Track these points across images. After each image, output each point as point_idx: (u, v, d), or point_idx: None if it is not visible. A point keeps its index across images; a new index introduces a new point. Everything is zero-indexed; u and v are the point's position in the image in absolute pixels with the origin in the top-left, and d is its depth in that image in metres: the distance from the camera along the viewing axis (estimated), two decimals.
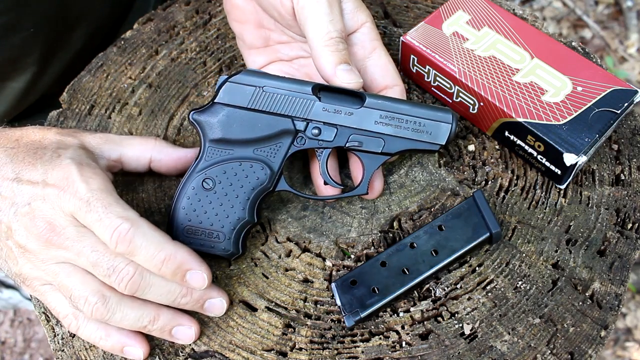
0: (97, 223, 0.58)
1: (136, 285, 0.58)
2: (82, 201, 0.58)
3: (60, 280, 0.60)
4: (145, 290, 0.59)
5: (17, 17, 0.82)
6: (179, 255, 0.59)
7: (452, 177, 0.73)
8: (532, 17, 0.83)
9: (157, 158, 0.70)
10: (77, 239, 0.59)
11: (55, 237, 0.59)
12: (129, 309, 0.60)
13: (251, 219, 0.66)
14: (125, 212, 0.59)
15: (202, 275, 0.60)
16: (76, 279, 0.60)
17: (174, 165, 0.70)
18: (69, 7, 0.88)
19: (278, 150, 0.66)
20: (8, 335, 1.83)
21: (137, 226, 0.58)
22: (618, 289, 0.66)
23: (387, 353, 0.63)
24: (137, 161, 0.70)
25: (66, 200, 0.59)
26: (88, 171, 0.61)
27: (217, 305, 0.64)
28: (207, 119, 0.66)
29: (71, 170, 0.60)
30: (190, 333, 0.63)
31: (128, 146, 0.69)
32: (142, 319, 0.61)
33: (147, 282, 0.59)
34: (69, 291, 0.60)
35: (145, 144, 0.70)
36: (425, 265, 0.65)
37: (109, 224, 0.57)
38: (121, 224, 0.57)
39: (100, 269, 0.58)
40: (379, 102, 0.67)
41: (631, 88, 0.70)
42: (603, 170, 0.73)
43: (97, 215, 0.58)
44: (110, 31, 0.99)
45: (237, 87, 0.66)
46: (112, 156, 0.68)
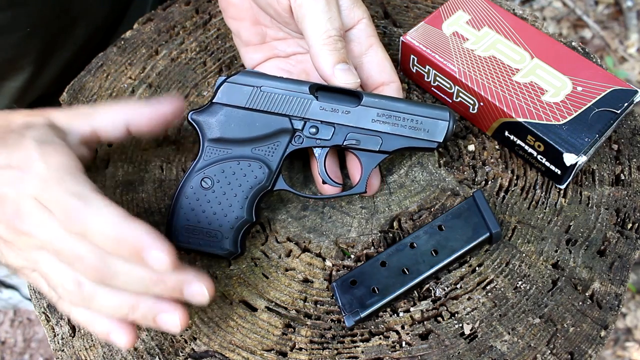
0: (53, 203, 0.54)
1: (99, 272, 0.54)
2: (41, 181, 0.55)
3: (40, 267, 0.57)
4: (112, 279, 0.54)
5: (13, 17, 0.81)
6: (133, 232, 0.53)
7: (452, 177, 0.73)
8: (532, 17, 0.83)
9: (133, 120, 0.65)
10: (42, 224, 0.54)
11: (22, 224, 0.55)
12: (106, 295, 0.55)
13: (250, 218, 0.66)
14: (77, 187, 0.54)
15: (161, 255, 0.52)
16: (52, 265, 0.56)
17: (155, 123, 0.65)
18: (66, 7, 0.88)
19: (276, 149, 0.67)
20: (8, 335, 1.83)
21: (89, 203, 0.53)
22: (618, 289, 0.66)
23: (387, 353, 0.63)
24: (113, 128, 0.65)
25: (27, 181, 0.55)
26: (49, 148, 0.57)
27: (197, 292, 0.56)
28: (205, 119, 0.67)
29: (31, 150, 0.56)
30: (175, 319, 0.56)
31: (98, 115, 0.64)
32: (121, 306, 0.56)
33: (113, 269, 0.54)
34: (48, 279, 0.57)
35: (115, 108, 0.65)
36: (425, 265, 0.65)
37: (62, 202, 0.53)
38: (72, 201, 0.53)
39: (64, 257, 0.55)
40: (376, 100, 0.67)
41: (631, 88, 0.70)
42: (603, 170, 0.73)
43: (52, 193, 0.54)
44: (109, 31, 0.99)
45: (235, 87, 0.67)
46: (83, 129, 0.64)
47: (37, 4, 0.83)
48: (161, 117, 0.65)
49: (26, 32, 0.84)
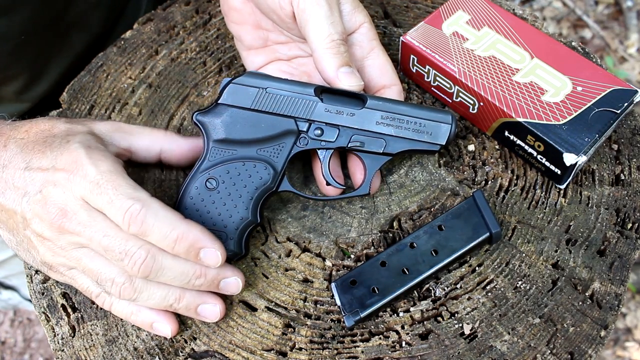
0: (108, 205, 0.58)
1: (148, 268, 0.58)
2: (92, 183, 0.58)
3: (85, 264, 0.60)
4: (158, 274, 0.59)
5: (7, 25, 0.81)
6: (192, 233, 0.59)
7: (452, 177, 0.73)
8: (532, 17, 0.83)
9: (167, 149, 0.70)
10: (89, 224, 0.58)
11: (68, 223, 0.59)
12: (155, 288, 0.60)
13: (254, 219, 0.66)
14: (135, 193, 0.58)
15: (216, 253, 0.60)
16: (99, 262, 0.60)
17: (185, 156, 0.70)
18: (61, 14, 0.87)
19: (281, 150, 0.67)
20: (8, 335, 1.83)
21: (149, 206, 0.58)
22: (618, 288, 0.66)
23: (387, 353, 0.63)
24: (146, 151, 0.70)
25: (76, 183, 0.58)
26: (97, 154, 0.61)
27: (233, 284, 0.63)
28: (210, 120, 0.67)
29: (80, 154, 0.60)
30: (216, 310, 0.63)
31: (138, 135, 0.69)
32: (168, 297, 0.61)
33: (160, 265, 0.59)
34: (95, 275, 0.60)
35: (155, 134, 0.70)
36: (425, 265, 0.65)
37: (120, 205, 0.57)
38: (132, 205, 0.57)
39: (113, 254, 0.58)
40: (380, 103, 0.67)
41: (631, 88, 0.70)
42: (603, 170, 0.73)
43: (107, 197, 0.58)
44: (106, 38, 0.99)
45: (241, 89, 0.67)
46: (121, 144, 0.68)
47: (31, 12, 0.83)
48: (194, 153, 0.70)
49: (20, 40, 0.84)
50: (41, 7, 0.83)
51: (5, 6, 0.79)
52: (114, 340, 0.66)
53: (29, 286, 0.71)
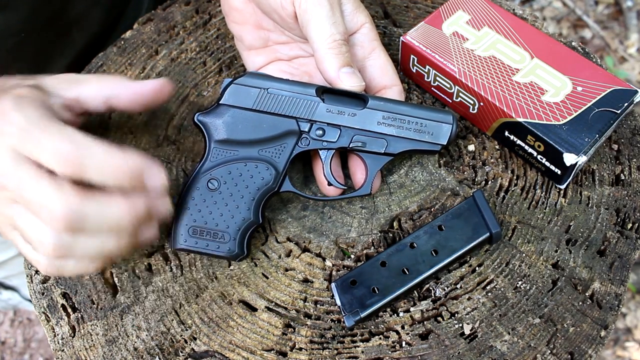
0: (37, 149, 0.55)
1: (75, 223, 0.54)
2: (20, 130, 0.55)
3: (15, 222, 0.57)
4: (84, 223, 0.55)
5: (6, 22, 0.81)
6: (131, 160, 0.55)
7: (452, 177, 0.73)
8: (532, 17, 0.83)
9: (113, 94, 0.65)
10: (14, 176, 0.55)
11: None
12: (87, 238, 0.56)
13: (256, 220, 0.66)
14: (65, 131, 0.55)
15: (160, 173, 0.57)
16: (27, 219, 0.56)
17: (133, 99, 0.66)
18: (60, 13, 0.87)
19: (283, 150, 0.67)
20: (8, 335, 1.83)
21: (81, 144, 0.55)
22: (618, 289, 0.66)
23: (387, 353, 0.63)
24: (94, 99, 0.65)
25: (5, 134, 0.56)
26: (25, 102, 0.57)
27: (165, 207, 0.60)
28: (212, 120, 0.67)
29: (6, 103, 0.57)
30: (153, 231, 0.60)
31: (85, 84, 0.66)
32: (105, 243, 0.57)
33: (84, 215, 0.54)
34: (24, 233, 0.57)
35: (104, 80, 0.67)
36: (425, 265, 0.65)
37: (51, 146, 0.54)
38: (62, 143, 0.54)
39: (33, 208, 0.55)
40: (381, 103, 0.67)
41: (631, 88, 0.70)
42: (603, 170, 0.73)
43: (36, 140, 0.54)
44: (105, 37, 0.99)
45: (242, 89, 0.67)
46: (67, 95, 0.64)
47: (29, 9, 0.83)
48: (142, 97, 0.66)
49: (20, 38, 0.84)
50: (39, 4, 0.83)
51: (1, 3, 0.79)
52: (114, 340, 0.66)
53: (29, 286, 0.71)
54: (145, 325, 0.67)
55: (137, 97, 0.66)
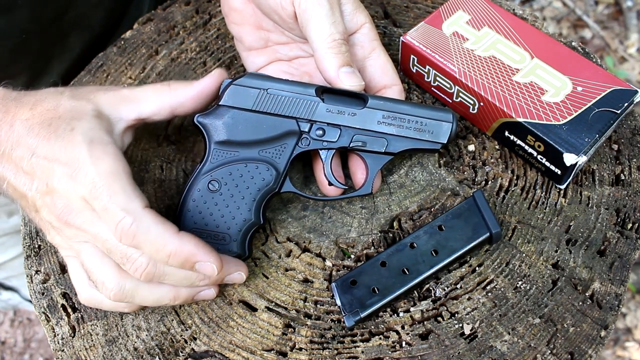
0: (103, 212, 0.58)
1: (151, 275, 0.59)
2: (91, 186, 0.58)
3: (83, 259, 0.61)
4: (161, 278, 0.60)
5: (8, 23, 0.81)
6: (185, 248, 0.58)
7: (452, 177, 0.73)
8: (532, 17, 0.83)
9: (177, 104, 0.67)
10: (92, 223, 0.59)
11: (73, 219, 0.59)
12: (147, 292, 0.61)
13: (257, 220, 0.66)
14: (129, 204, 0.57)
15: (212, 266, 0.60)
16: (96, 261, 0.60)
17: (198, 102, 0.67)
18: (62, 14, 0.87)
19: (283, 151, 0.67)
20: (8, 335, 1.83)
21: (140, 220, 0.57)
22: (618, 289, 0.66)
23: (387, 353, 0.63)
24: (158, 114, 0.67)
25: (78, 182, 0.58)
26: (98, 150, 0.59)
27: (237, 278, 0.64)
28: (212, 122, 0.67)
29: (82, 150, 0.59)
30: (212, 293, 0.64)
31: (144, 102, 0.66)
32: (162, 299, 0.62)
33: (162, 272, 0.59)
34: (89, 272, 0.61)
35: (161, 94, 0.67)
36: (425, 265, 0.65)
37: (112, 217, 0.57)
38: (123, 219, 0.56)
39: (115, 256, 0.59)
40: (381, 102, 0.67)
41: (631, 88, 0.70)
42: (603, 170, 0.73)
43: (102, 203, 0.57)
44: (107, 37, 0.99)
45: (242, 90, 0.67)
46: (130, 116, 0.66)
47: (31, 10, 0.83)
48: (205, 96, 0.67)
49: (21, 39, 0.84)
50: (41, 6, 0.83)
51: (6, 4, 0.79)
52: (114, 341, 0.66)
53: (29, 286, 0.71)
54: (145, 325, 0.67)
55: (201, 99, 0.67)
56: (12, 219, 1.16)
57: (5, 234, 1.19)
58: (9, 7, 0.80)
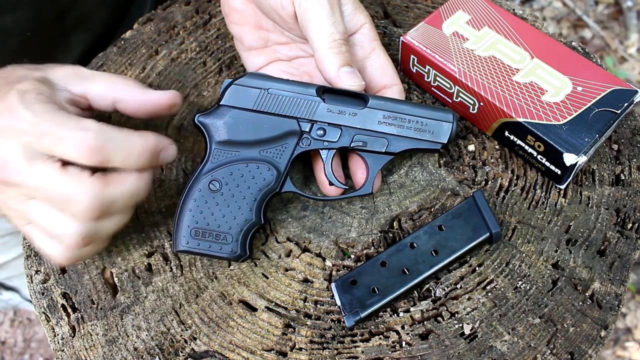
0: (57, 144, 0.55)
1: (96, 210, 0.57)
2: (31, 125, 0.56)
3: (34, 218, 0.59)
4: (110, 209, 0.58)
5: (13, 21, 0.81)
6: (150, 141, 0.59)
7: (452, 177, 0.73)
8: (532, 17, 0.83)
9: (120, 98, 0.65)
10: (30, 173, 0.56)
11: (9, 174, 0.57)
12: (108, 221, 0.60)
13: (258, 220, 0.66)
14: (82, 123, 0.56)
15: (173, 148, 0.62)
16: (47, 214, 0.58)
17: (139, 108, 0.66)
18: (65, 12, 0.88)
19: (284, 151, 0.67)
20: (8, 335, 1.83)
21: (101, 132, 0.56)
22: (618, 289, 0.66)
23: (387, 353, 0.63)
24: (102, 99, 0.65)
25: (15, 131, 0.56)
26: (30, 97, 0.57)
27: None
28: (213, 122, 0.67)
29: (12, 100, 0.57)
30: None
31: (94, 82, 0.65)
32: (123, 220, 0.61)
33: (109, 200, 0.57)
34: (44, 229, 0.58)
35: (112, 82, 0.65)
36: (425, 265, 0.65)
37: (73, 140, 0.55)
38: (85, 136, 0.55)
39: (56, 203, 0.57)
40: (382, 102, 0.67)
41: (631, 88, 0.70)
42: (603, 170, 0.73)
43: (54, 136, 0.55)
44: (109, 37, 0.99)
45: (243, 90, 0.67)
46: (75, 90, 0.64)
47: (38, 10, 0.83)
48: (150, 107, 0.66)
49: (26, 37, 0.84)
50: (45, 5, 0.83)
51: (11, 3, 0.80)
52: (114, 341, 0.66)
53: (29, 286, 0.71)
54: (145, 325, 0.67)
55: (143, 107, 0.66)
56: None
57: (7, 233, 1.19)
58: (13, 6, 0.80)
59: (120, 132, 0.58)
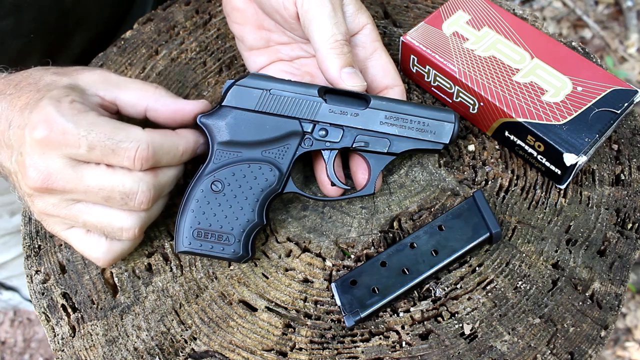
0: (110, 156, 0.58)
1: (154, 198, 0.62)
2: (77, 140, 0.57)
3: (85, 219, 0.61)
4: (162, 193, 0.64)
5: (16, 23, 0.82)
6: (190, 140, 0.65)
7: (452, 177, 0.73)
8: (532, 17, 0.83)
9: (153, 107, 0.66)
10: (78, 179, 0.58)
11: (55, 184, 0.58)
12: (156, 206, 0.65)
13: (260, 221, 0.66)
14: (130, 134, 0.59)
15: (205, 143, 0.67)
16: (101, 212, 0.61)
17: (171, 117, 0.67)
18: (68, 13, 0.88)
19: (286, 151, 0.67)
20: (8, 335, 1.83)
21: (151, 141, 0.60)
22: (618, 289, 0.66)
23: (387, 353, 0.63)
24: (133, 107, 0.66)
25: (56, 144, 0.57)
26: (66, 107, 0.59)
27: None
28: (215, 122, 0.67)
29: (48, 110, 0.58)
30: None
31: (125, 90, 0.66)
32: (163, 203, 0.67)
33: (159, 189, 0.62)
34: (102, 226, 0.61)
35: (143, 90, 0.66)
36: (425, 265, 0.65)
37: (126, 153, 0.58)
38: (139, 147, 0.59)
39: (115, 201, 0.60)
40: (384, 103, 0.67)
41: (631, 88, 0.70)
42: (603, 170, 0.73)
43: (105, 149, 0.58)
44: (110, 37, 0.99)
45: (245, 90, 0.67)
46: (106, 96, 0.65)
47: (40, 10, 0.83)
48: (182, 116, 0.67)
49: (29, 38, 0.84)
50: (48, 6, 0.83)
51: (15, 5, 0.80)
52: (114, 341, 0.66)
53: (29, 286, 0.71)
54: (145, 325, 0.67)
55: (175, 117, 0.67)
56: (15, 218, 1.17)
57: (7, 233, 1.19)
58: (16, 7, 0.80)
59: (165, 136, 0.62)
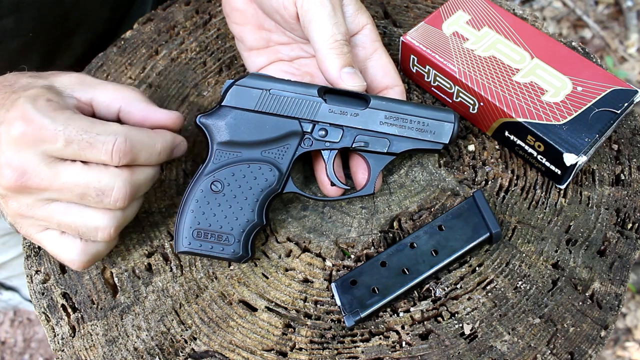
0: (87, 150, 0.57)
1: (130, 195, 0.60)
2: (54, 135, 0.57)
3: (59, 220, 0.60)
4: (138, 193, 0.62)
5: (16, 22, 0.82)
6: (167, 138, 0.63)
7: (452, 177, 0.73)
8: (532, 17, 0.83)
9: (126, 109, 0.65)
10: (54, 177, 0.58)
11: (30, 181, 0.57)
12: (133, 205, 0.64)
13: (260, 221, 0.66)
14: (107, 128, 0.59)
15: (184, 144, 0.66)
16: (75, 212, 0.60)
17: (141, 123, 0.66)
18: (68, 12, 0.88)
19: (286, 151, 0.67)
20: (8, 335, 1.83)
21: (128, 135, 0.59)
22: (618, 289, 0.66)
23: (387, 353, 0.63)
24: (107, 108, 0.65)
25: (32, 139, 0.57)
26: (42, 104, 0.58)
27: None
28: (214, 122, 0.67)
29: (24, 107, 0.58)
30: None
31: (101, 90, 0.65)
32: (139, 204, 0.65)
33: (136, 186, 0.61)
34: (77, 227, 0.60)
35: (118, 91, 0.66)
36: (425, 265, 0.65)
37: (103, 146, 0.58)
38: (116, 141, 0.58)
39: (90, 199, 0.59)
40: (383, 103, 0.67)
41: (631, 88, 0.70)
42: (603, 170, 0.73)
43: (83, 143, 0.57)
44: (110, 37, 0.99)
45: (244, 90, 0.67)
46: (82, 97, 0.64)
47: (40, 10, 0.83)
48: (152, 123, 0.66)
49: (29, 38, 0.84)
50: (48, 5, 0.83)
51: (14, 4, 0.80)
52: (114, 341, 0.66)
53: (29, 286, 0.71)
54: (145, 325, 0.67)
55: (145, 123, 0.66)
56: None
57: (6, 233, 1.19)
58: (16, 6, 0.80)
59: (143, 132, 0.61)
